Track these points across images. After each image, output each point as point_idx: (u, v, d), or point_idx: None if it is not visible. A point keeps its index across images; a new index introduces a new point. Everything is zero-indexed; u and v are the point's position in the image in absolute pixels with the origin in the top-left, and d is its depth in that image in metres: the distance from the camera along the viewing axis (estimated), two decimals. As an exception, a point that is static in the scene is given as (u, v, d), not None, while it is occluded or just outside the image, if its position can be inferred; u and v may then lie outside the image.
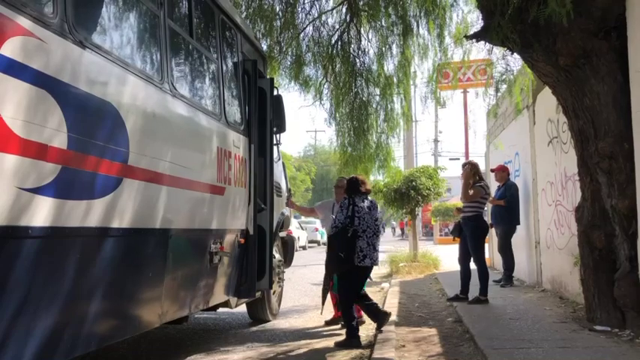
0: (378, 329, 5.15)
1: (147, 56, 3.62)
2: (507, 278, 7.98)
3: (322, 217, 6.47)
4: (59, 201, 2.54)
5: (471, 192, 6.64)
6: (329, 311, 5.99)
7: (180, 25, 4.12)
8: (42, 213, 2.43)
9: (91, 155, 2.78)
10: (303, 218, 25.13)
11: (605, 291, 4.76)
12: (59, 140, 2.53)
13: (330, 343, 5.12)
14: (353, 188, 5.20)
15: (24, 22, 2.36)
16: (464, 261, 6.82)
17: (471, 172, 6.83)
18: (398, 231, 43.55)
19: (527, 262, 8.17)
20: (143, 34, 3.61)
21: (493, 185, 8.73)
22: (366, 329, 5.68)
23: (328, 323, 5.94)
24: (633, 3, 4.42)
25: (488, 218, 8.37)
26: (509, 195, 8.04)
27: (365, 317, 5.64)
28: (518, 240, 8.23)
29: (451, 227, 8.79)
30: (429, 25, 7.82)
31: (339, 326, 5.55)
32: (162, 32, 3.66)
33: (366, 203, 5.17)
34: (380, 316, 5.22)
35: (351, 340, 4.96)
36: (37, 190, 2.40)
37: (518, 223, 8.10)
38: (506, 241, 8.02)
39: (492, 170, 8.68)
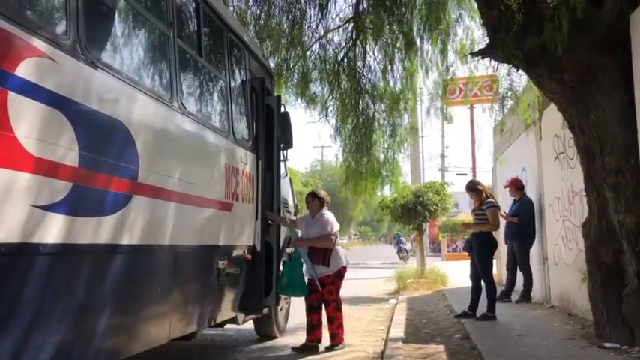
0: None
1: (156, 75, 3.69)
2: (524, 295, 7.92)
3: (302, 230, 5.94)
4: (71, 218, 2.58)
5: (490, 219, 6.60)
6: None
7: (189, 45, 4.19)
8: (54, 230, 2.47)
9: (101, 173, 2.83)
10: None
11: (614, 307, 4.73)
12: (71, 158, 2.58)
13: (337, 359, 5.11)
14: None
15: (38, 43, 2.42)
16: (475, 277, 6.78)
17: (479, 196, 6.82)
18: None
19: (536, 278, 8.12)
20: (153, 53, 3.69)
21: (505, 199, 8.71)
22: (374, 345, 5.66)
23: (296, 349, 5.44)
24: (637, 19, 4.46)
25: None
26: (522, 213, 7.99)
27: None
28: (527, 256, 8.18)
29: (459, 244, 8.79)
30: (434, 42, 7.89)
31: (341, 345, 5.49)
32: (171, 51, 3.73)
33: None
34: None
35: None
36: (50, 208, 2.44)
37: (530, 242, 8.02)
38: (523, 257, 7.96)
39: (506, 187, 8.64)
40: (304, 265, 5.47)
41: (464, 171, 29.19)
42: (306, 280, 5.50)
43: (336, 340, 5.43)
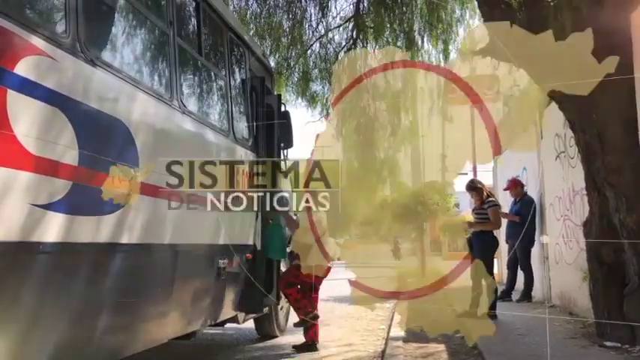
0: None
1: (156, 74, 3.68)
2: (525, 294, 7.91)
3: None
4: (70, 217, 2.57)
5: (491, 217, 6.58)
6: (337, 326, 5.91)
7: (189, 43, 4.18)
8: (53, 229, 2.46)
9: (101, 172, 2.82)
10: None
11: (615, 306, 4.72)
12: (70, 157, 2.57)
13: (338, 359, 5.10)
14: None
15: (37, 41, 2.41)
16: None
17: (479, 195, 6.79)
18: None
19: (536, 278, 8.11)
20: (153, 52, 3.68)
21: (505, 199, 8.71)
22: (374, 345, 5.66)
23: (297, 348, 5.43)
24: (638, 19, 4.44)
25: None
26: (523, 212, 7.96)
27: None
28: (527, 255, 8.16)
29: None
30: (435, 41, 7.88)
31: (311, 316, 5.48)
32: (171, 50, 3.72)
33: None
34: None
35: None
36: (49, 207, 2.43)
37: (531, 241, 8.00)
38: (525, 257, 7.96)
39: (505, 189, 8.62)
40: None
41: (464, 170, 29.14)
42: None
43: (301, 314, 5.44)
